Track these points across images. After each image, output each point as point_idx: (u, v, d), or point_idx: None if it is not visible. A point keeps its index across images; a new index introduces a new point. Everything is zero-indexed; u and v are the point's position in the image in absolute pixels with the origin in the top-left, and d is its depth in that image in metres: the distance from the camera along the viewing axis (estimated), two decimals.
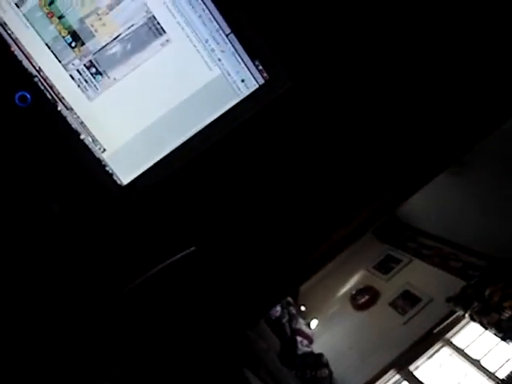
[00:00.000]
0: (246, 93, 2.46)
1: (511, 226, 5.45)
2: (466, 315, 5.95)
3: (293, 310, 8.34)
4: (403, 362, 6.51)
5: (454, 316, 6.33)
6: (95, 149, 2.41)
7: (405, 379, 6.43)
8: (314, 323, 8.64)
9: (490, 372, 5.56)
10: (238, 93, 2.46)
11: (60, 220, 2.35)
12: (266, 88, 2.47)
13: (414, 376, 6.33)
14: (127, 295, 2.18)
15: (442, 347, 6.42)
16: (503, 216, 5.61)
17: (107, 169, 2.44)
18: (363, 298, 8.18)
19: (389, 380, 6.58)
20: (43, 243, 2.19)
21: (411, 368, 6.44)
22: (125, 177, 2.48)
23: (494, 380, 5.39)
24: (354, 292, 8.49)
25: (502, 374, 5.32)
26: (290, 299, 8.57)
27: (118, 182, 2.46)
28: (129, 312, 2.23)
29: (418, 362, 6.46)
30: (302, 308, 9.04)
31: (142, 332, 2.28)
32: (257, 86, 2.45)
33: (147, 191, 2.55)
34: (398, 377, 6.53)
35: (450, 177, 5.83)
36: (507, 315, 5.26)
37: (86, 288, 2.14)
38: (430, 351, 6.46)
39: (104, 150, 2.44)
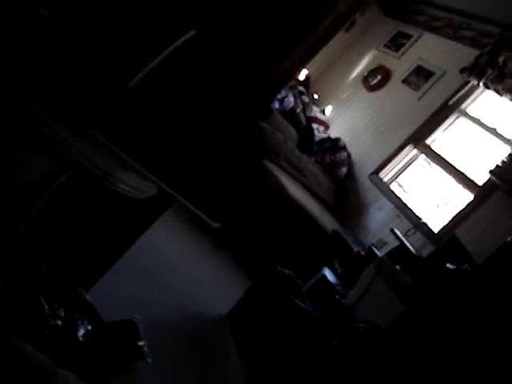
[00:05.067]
0: None
1: None
2: (481, 84, 5.89)
3: (306, 99, 8.33)
4: (420, 136, 6.62)
5: (469, 86, 6.29)
6: None
7: (422, 152, 6.58)
8: (328, 109, 8.69)
9: (505, 138, 5.65)
10: None
11: (50, 24, 2.23)
12: None
13: (431, 149, 6.46)
14: (133, 89, 2.12)
15: (457, 118, 6.47)
16: None
17: None
18: (375, 79, 8.11)
19: (406, 155, 6.74)
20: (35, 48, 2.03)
21: (428, 141, 6.56)
22: None
23: (510, 145, 5.49)
24: (365, 73, 8.40)
25: None
26: (301, 88, 8.53)
27: None
28: (137, 106, 2.18)
29: (435, 135, 6.56)
30: (315, 96, 9.03)
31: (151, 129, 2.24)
32: None
33: None
34: (415, 151, 6.68)
35: None
36: None
37: (93, 83, 2.05)
38: (446, 123, 6.52)
39: None
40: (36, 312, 2.05)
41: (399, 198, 6.30)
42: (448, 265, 4.27)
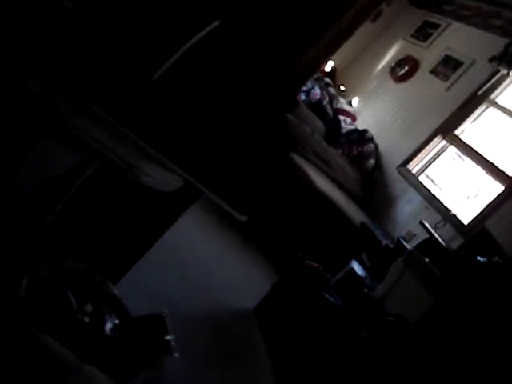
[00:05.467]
0: None
1: None
2: (511, 73, 5.79)
3: (332, 91, 8.28)
4: (449, 127, 6.52)
5: (498, 76, 6.17)
6: None
7: (451, 144, 6.49)
8: (355, 101, 8.62)
9: None
10: None
11: (73, 16, 2.22)
12: None
13: (461, 140, 6.36)
14: (157, 82, 2.10)
15: (486, 108, 6.36)
16: None
17: None
18: (403, 69, 8.00)
19: (435, 147, 6.64)
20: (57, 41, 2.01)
21: (457, 132, 6.46)
22: None
23: None
24: (393, 64, 8.29)
25: None
26: (328, 80, 8.48)
27: None
28: (162, 99, 2.17)
29: (464, 126, 6.46)
30: (342, 88, 8.96)
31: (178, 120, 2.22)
32: None
33: None
34: (444, 142, 6.58)
35: None
36: None
37: (117, 75, 2.04)
38: (475, 114, 6.41)
39: None
40: (64, 306, 2.06)
41: (428, 190, 6.22)
42: (478, 257, 4.20)
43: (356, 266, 4.80)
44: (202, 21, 2.21)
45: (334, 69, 9.00)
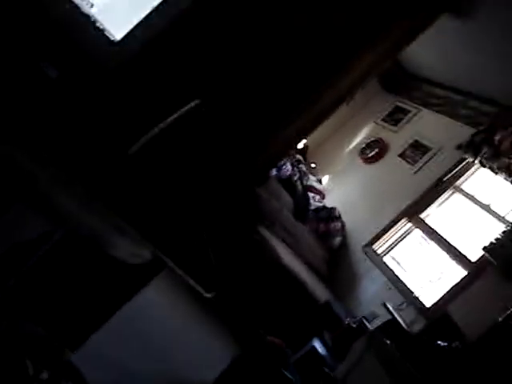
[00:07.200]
0: None
1: None
2: (476, 161, 5.98)
3: (303, 168, 8.42)
4: (414, 210, 6.65)
5: (464, 163, 6.37)
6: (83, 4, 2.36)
7: (416, 227, 6.60)
8: (325, 179, 8.76)
9: (499, 215, 5.69)
10: None
11: (57, 85, 2.27)
12: None
13: (426, 223, 6.49)
14: (133, 156, 2.14)
15: (452, 194, 6.52)
16: None
17: (98, 24, 2.39)
18: (373, 151, 8.20)
19: (401, 229, 6.75)
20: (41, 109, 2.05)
21: (422, 216, 6.59)
22: (117, 31, 2.44)
23: (504, 223, 5.51)
24: (363, 146, 8.49)
25: (511, 217, 5.47)
26: (299, 157, 8.64)
27: (111, 37, 2.42)
28: (135, 173, 2.20)
29: (429, 210, 6.60)
30: (313, 165, 9.12)
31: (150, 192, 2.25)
32: None
33: (141, 47, 2.49)
34: (409, 225, 6.70)
35: (454, 21, 5.52)
36: None
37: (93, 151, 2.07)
38: (441, 199, 6.57)
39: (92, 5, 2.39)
40: (20, 373, 2.02)
41: (392, 271, 6.28)
42: (439, 341, 4.23)
43: (318, 345, 4.78)
44: (182, 99, 2.29)
45: (306, 146, 9.18)
